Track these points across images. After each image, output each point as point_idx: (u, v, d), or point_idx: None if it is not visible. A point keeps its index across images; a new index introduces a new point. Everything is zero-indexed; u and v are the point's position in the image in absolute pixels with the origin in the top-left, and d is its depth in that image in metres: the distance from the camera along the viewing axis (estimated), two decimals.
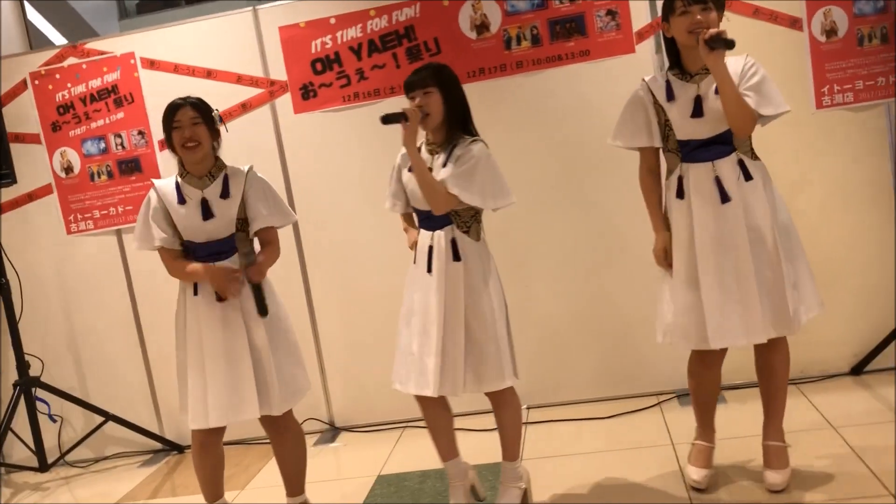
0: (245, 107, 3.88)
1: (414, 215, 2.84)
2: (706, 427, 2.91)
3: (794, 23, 3.50)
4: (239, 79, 3.87)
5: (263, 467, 3.68)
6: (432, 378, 2.65)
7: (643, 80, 2.75)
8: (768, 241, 2.64)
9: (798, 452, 2.88)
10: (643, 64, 3.59)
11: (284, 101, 3.85)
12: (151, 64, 3.92)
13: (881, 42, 3.46)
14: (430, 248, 2.70)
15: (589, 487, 2.98)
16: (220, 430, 2.76)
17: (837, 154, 3.55)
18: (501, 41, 3.69)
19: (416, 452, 3.53)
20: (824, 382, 3.62)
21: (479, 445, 3.29)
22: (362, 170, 3.81)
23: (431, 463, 3.14)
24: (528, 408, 3.84)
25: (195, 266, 2.69)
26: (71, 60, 3.96)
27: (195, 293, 2.71)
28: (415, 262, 2.79)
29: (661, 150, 2.76)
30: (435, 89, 2.72)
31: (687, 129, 2.64)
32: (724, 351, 2.78)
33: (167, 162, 3.96)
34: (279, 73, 3.84)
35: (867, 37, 3.47)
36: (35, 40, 4.67)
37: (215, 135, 2.81)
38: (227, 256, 2.72)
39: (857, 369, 3.62)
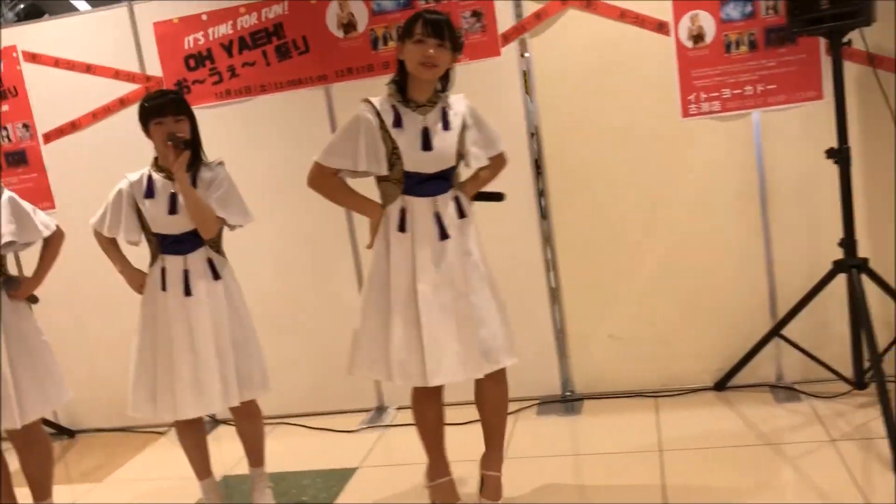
0: (123, 102, 3.89)
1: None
2: (439, 461, 2.81)
3: (660, 27, 3.37)
4: (117, 74, 3.88)
5: (132, 459, 3.78)
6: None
7: (369, 101, 2.59)
8: (484, 277, 2.63)
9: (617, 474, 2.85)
10: (508, 67, 3.51)
11: None
12: (33, 58, 3.94)
13: (749, 49, 3.31)
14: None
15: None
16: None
17: (704, 164, 3.44)
18: (368, 41, 3.62)
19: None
20: (685, 397, 3.55)
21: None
22: (231, 167, 3.79)
23: None
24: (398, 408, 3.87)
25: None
26: None
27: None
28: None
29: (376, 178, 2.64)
30: (185, 117, 2.75)
31: (416, 161, 2.55)
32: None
33: (52, 154, 4.01)
34: (155, 68, 3.84)
35: (735, 43, 3.32)
36: None
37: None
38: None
39: (721, 384, 3.54)
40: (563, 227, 3.61)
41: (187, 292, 2.75)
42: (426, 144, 2.53)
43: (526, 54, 3.51)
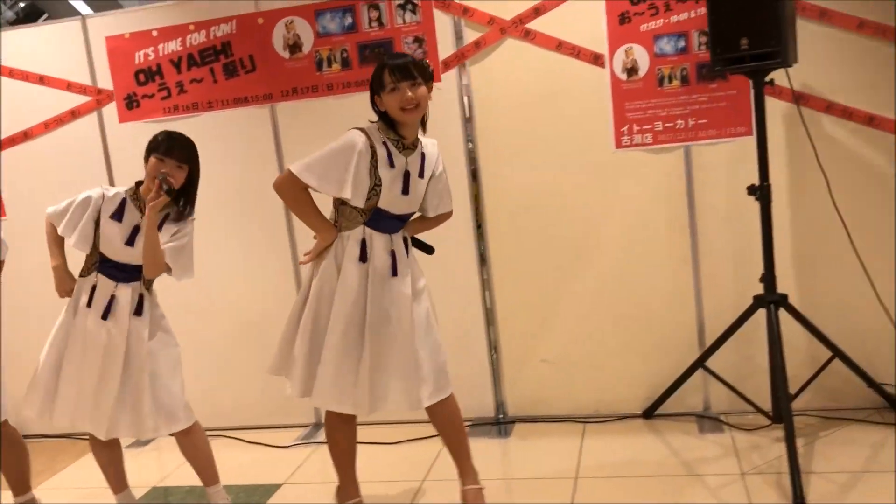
0: (74, 114, 3.94)
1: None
2: (350, 483, 2.91)
3: (596, 59, 3.42)
4: (69, 86, 3.94)
5: (70, 465, 3.82)
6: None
7: (363, 131, 2.62)
8: (425, 313, 2.73)
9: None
10: (449, 93, 3.56)
11: (111, 110, 3.91)
12: None
13: (681, 84, 3.36)
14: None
15: None
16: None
17: (636, 194, 3.49)
18: (313, 62, 3.68)
19: None
20: (613, 423, 3.59)
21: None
22: None
23: None
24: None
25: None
26: None
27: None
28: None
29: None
30: (187, 167, 2.79)
31: (391, 201, 2.63)
32: None
33: (4, 163, 4.06)
34: (106, 82, 3.90)
35: (668, 77, 3.37)
36: None
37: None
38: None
39: (649, 412, 3.58)
40: (500, 252, 3.66)
41: (104, 316, 2.79)
42: (405, 189, 2.61)
43: (465, 81, 3.56)
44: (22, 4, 15.99)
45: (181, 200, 2.82)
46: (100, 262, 2.83)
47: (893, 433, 3.16)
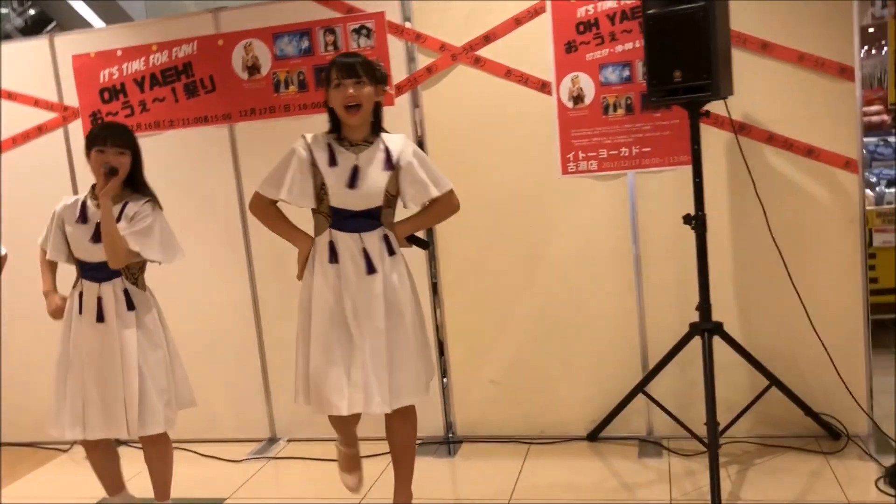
0: (41, 130, 4.04)
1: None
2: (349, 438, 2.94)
3: (543, 86, 3.48)
4: (36, 102, 4.03)
5: (28, 475, 3.90)
6: None
7: (304, 137, 2.74)
8: (406, 314, 2.73)
9: None
10: (401, 117, 3.62)
11: (76, 127, 4.00)
12: None
13: (626, 112, 3.41)
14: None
15: None
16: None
17: (582, 220, 3.54)
18: (271, 83, 3.76)
19: None
20: (558, 445, 3.63)
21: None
22: None
23: None
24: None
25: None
26: None
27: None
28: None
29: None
30: (128, 151, 2.86)
31: (342, 197, 2.68)
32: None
33: None
34: (72, 99, 3.99)
35: (612, 106, 3.43)
36: None
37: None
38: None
39: (593, 435, 3.62)
40: (449, 274, 3.71)
41: (100, 318, 2.84)
42: (352, 182, 2.65)
43: (417, 107, 3.63)
44: (32, 12, 16.22)
45: (133, 185, 2.88)
46: (81, 269, 2.90)
47: (828, 463, 3.19)
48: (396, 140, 2.76)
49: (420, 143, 3.66)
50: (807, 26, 3.23)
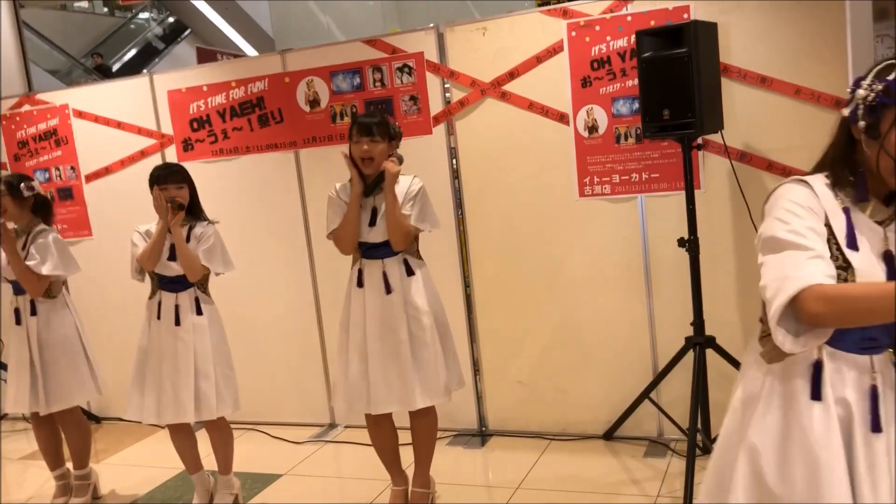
0: (143, 153, 4.74)
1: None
2: (396, 474, 3.46)
3: (561, 117, 3.84)
4: (139, 130, 4.74)
5: (130, 447, 4.62)
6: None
7: (335, 187, 3.30)
8: (425, 325, 3.21)
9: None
10: (438, 144, 4.08)
11: (171, 151, 4.68)
12: (80, 114, 4.87)
13: (636, 141, 3.73)
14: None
15: None
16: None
17: (597, 238, 3.88)
18: (329, 115, 4.29)
19: None
20: (576, 442, 4.00)
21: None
22: (221, 213, 4.57)
23: None
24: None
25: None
26: (26, 107, 5.00)
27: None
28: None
29: None
30: (185, 185, 3.44)
31: (365, 233, 3.22)
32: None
33: (91, 192, 4.93)
34: (168, 127, 4.67)
35: (623, 135, 3.75)
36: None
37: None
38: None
39: (608, 434, 3.96)
40: (480, 287, 4.15)
41: (177, 322, 3.44)
42: (372, 221, 3.20)
43: (452, 135, 4.07)
44: (171, 20, 17.55)
45: (191, 211, 3.46)
46: (159, 282, 3.50)
47: None
48: (404, 181, 3.23)
49: (454, 168, 4.10)
50: (804, 62, 3.44)
